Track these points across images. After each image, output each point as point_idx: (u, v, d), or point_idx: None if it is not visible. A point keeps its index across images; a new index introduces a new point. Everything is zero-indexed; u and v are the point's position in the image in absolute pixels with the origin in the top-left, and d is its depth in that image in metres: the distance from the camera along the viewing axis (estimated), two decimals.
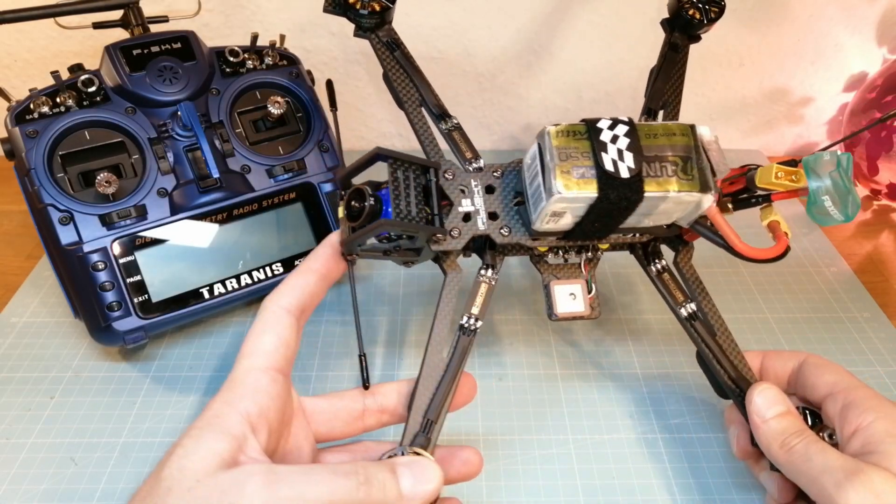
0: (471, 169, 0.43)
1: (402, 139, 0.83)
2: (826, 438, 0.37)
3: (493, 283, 0.42)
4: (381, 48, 0.48)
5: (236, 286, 0.52)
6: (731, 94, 0.80)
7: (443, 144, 0.46)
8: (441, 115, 0.47)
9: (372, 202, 0.38)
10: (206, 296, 0.51)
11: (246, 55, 0.56)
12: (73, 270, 0.49)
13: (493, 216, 0.41)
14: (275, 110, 0.55)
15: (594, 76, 0.78)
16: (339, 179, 0.40)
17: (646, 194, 0.36)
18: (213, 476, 0.28)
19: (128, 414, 0.49)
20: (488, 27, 0.75)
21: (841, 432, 0.36)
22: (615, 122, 0.37)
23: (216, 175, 0.52)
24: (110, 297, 0.49)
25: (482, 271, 0.42)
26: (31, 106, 0.50)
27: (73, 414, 0.49)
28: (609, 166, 0.35)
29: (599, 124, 0.36)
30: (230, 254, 0.52)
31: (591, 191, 0.35)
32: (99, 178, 0.48)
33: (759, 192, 0.40)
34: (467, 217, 0.41)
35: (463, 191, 0.42)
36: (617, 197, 0.36)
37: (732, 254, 0.38)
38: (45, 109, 0.50)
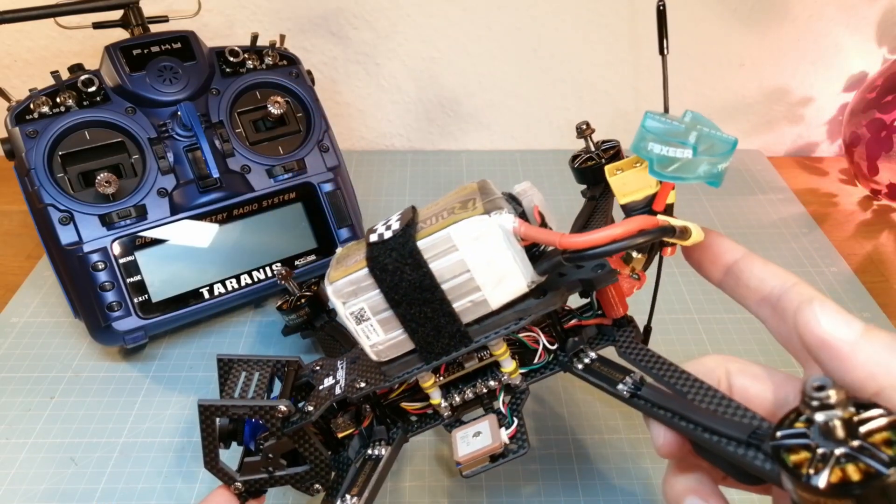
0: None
1: (402, 139, 0.83)
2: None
3: (380, 458, 0.36)
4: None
5: (236, 286, 0.52)
6: (731, 94, 0.80)
7: None
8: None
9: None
10: (206, 296, 0.51)
11: (246, 55, 0.56)
12: (73, 270, 0.49)
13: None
14: (275, 110, 0.55)
15: (594, 76, 0.78)
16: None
17: (421, 242, 0.30)
18: None
19: (128, 414, 0.49)
20: (488, 27, 0.75)
21: None
22: (390, 217, 0.33)
23: (216, 175, 0.52)
24: (110, 297, 0.49)
25: (369, 451, 0.37)
26: (31, 106, 0.50)
27: (73, 414, 0.49)
28: (373, 238, 0.31)
29: (375, 226, 0.33)
30: (230, 254, 0.52)
31: (360, 267, 0.31)
32: (99, 178, 0.48)
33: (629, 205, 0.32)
34: (330, 391, 0.36)
35: (329, 373, 0.38)
36: (390, 260, 0.30)
37: (573, 260, 0.28)
38: (45, 109, 0.50)
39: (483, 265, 0.30)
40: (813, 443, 0.21)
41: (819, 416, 0.20)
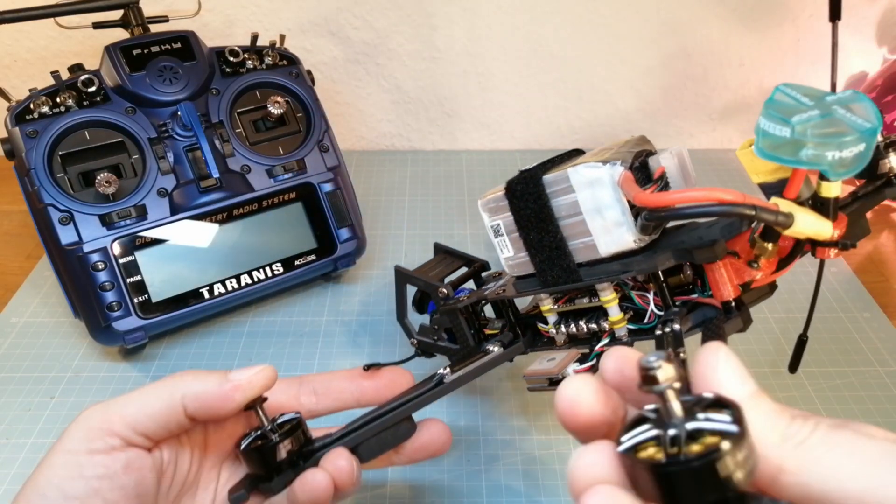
0: None
1: (402, 139, 0.83)
2: None
3: (489, 352, 0.39)
4: None
5: (236, 286, 0.52)
6: (731, 94, 0.80)
7: None
8: None
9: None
10: (206, 296, 0.51)
11: (246, 55, 0.56)
12: (73, 270, 0.49)
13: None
14: (275, 110, 0.55)
15: (594, 76, 0.78)
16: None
17: (545, 177, 0.33)
18: None
19: None
20: (488, 27, 0.75)
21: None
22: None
23: (216, 175, 0.52)
24: (110, 297, 0.49)
25: (488, 346, 0.40)
26: (31, 106, 0.50)
27: (73, 414, 0.49)
28: (524, 167, 0.36)
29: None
30: (230, 254, 0.52)
31: (502, 189, 0.36)
32: (99, 178, 0.48)
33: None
34: (484, 289, 0.43)
35: (493, 281, 0.44)
36: (521, 187, 0.34)
37: (650, 220, 0.29)
38: (45, 109, 0.50)
39: (594, 211, 0.32)
40: (658, 431, 0.20)
41: (658, 387, 0.20)
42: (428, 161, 0.80)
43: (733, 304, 0.31)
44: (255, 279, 0.53)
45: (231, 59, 0.56)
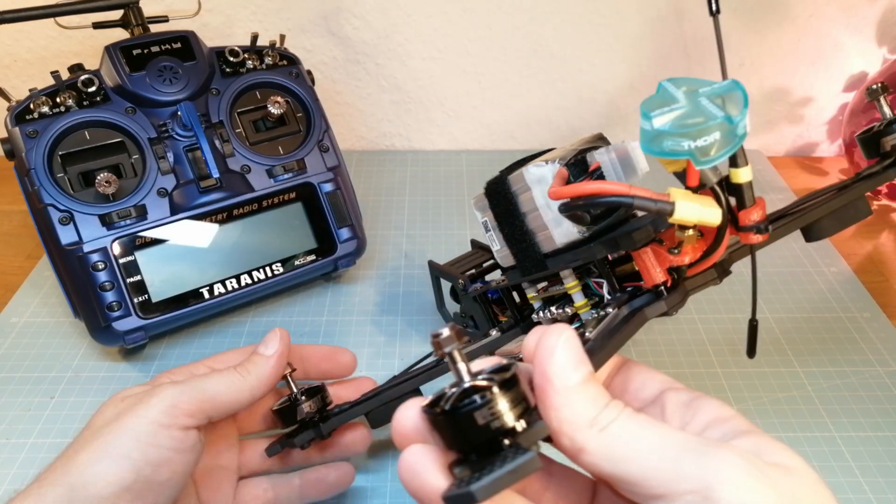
0: None
1: (402, 139, 0.83)
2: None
3: (489, 335, 0.45)
4: None
5: (236, 286, 0.52)
6: None
7: None
8: None
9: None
10: (206, 296, 0.51)
11: (246, 55, 0.56)
12: (73, 270, 0.49)
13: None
14: (275, 110, 0.55)
15: (594, 76, 0.78)
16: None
17: (509, 176, 0.37)
18: None
19: None
20: (488, 27, 0.75)
21: (686, 427, 0.27)
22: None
23: (216, 175, 0.52)
24: (110, 297, 0.49)
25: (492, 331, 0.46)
26: (31, 106, 0.50)
27: (73, 414, 0.49)
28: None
29: None
30: (230, 254, 0.52)
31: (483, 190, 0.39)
32: (99, 178, 0.48)
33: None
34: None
35: None
36: (494, 187, 0.39)
37: (563, 212, 0.31)
38: (45, 109, 0.50)
39: (545, 206, 0.35)
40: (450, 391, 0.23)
41: (447, 348, 0.23)
42: (428, 161, 0.80)
43: (662, 288, 0.32)
44: (255, 279, 0.53)
45: (231, 59, 0.56)
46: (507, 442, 0.22)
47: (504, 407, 0.22)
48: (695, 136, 0.26)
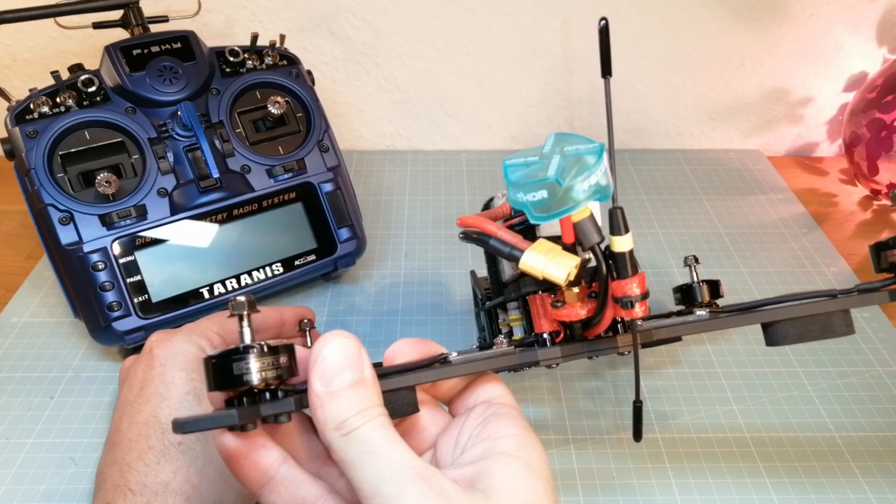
0: None
1: (402, 139, 0.83)
2: None
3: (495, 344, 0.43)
4: None
5: (236, 286, 0.52)
6: (731, 94, 0.80)
7: None
8: None
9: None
10: (206, 296, 0.51)
11: (246, 55, 0.56)
12: (73, 270, 0.49)
13: None
14: (275, 110, 0.55)
15: (594, 76, 0.78)
16: None
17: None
18: None
19: None
20: (488, 27, 0.75)
21: (459, 442, 0.30)
22: None
23: (216, 175, 0.52)
24: (110, 297, 0.49)
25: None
26: (31, 106, 0.50)
27: (73, 414, 0.49)
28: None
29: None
30: (230, 254, 0.52)
31: None
32: (99, 178, 0.48)
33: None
34: None
35: None
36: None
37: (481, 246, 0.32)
38: (45, 109, 0.50)
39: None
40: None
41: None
42: (428, 161, 0.80)
43: (545, 336, 0.33)
44: (255, 279, 0.53)
45: (231, 59, 0.56)
46: (245, 398, 0.26)
47: (254, 367, 0.26)
48: (527, 189, 0.27)
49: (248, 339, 0.27)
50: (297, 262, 0.54)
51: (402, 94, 0.79)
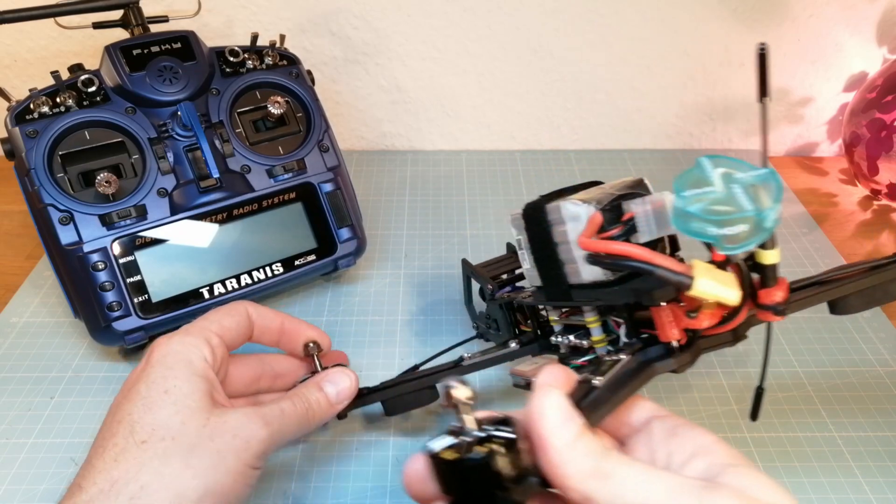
0: None
1: (402, 139, 0.83)
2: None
3: (508, 346, 0.46)
4: None
5: (236, 286, 0.52)
6: (731, 94, 0.80)
7: None
8: None
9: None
10: (206, 296, 0.51)
11: (246, 55, 0.56)
12: (73, 270, 0.49)
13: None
14: (275, 110, 0.55)
15: (594, 76, 0.78)
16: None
17: (548, 205, 0.37)
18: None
19: None
20: (488, 27, 0.75)
21: (671, 457, 0.29)
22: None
23: (216, 175, 0.52)
24: (110, 297, 0.49)
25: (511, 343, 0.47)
26: (31, 106, 0.50)
27: (73, 414, 0.49)
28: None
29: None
30: (230, 254, 0.52)
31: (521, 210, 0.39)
32: (99, 178, 0.48)
33: None
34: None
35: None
36: (531, 212, 0.38)
37: (588, 259, 0.32)
38: (45, 109, 0.50)
39: (576, 242, 0.35)
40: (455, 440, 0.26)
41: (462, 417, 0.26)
42: (428, 161, 0.80)
43: (675, 345, 0.33)
44: (255, 279, 0.53)
45: (231, 59, 0.56)
46: (499, 494, 0.25)
47: (502, 464, 0.25)
48: (722, 224, 0.26)
49: (473, 427, 0.26)
50: (297, 262, 0.54)
51: (402, 94, 0.79)
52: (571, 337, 0.42)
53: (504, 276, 0.51)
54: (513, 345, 0.46)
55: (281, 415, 0.37)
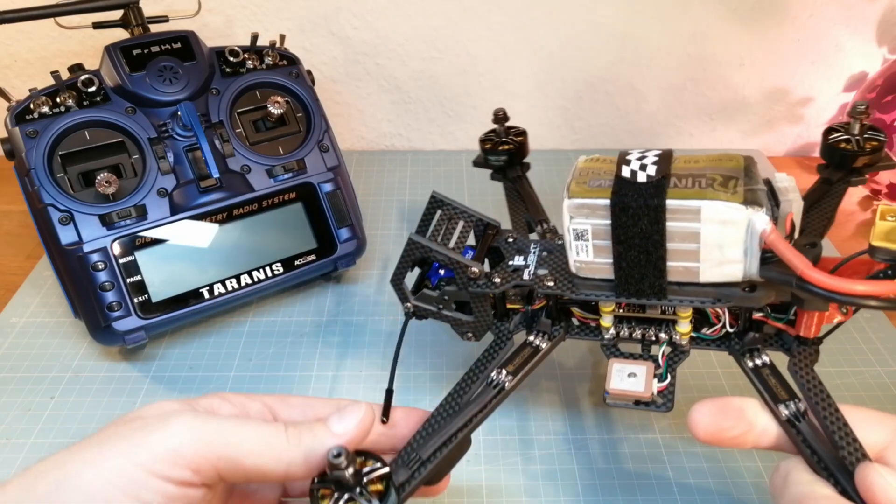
0: (536, 234, 0.44)
1: (402, 139, 0.83)
2: None
3: (540, 349, 0.39)
4: (508, 186, 0.54)
5: (236, 286, 0.52)
6: (731, 94, 0.80)
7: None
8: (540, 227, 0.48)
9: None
10: (206, 296, 0.51)
11: (246, 55, 0.56)
12: (73, 270, 0.49)
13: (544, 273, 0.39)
14: (275, 110, 0.55)
15: (594, 76, 0.78)
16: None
17: (669, 202, 0.31)
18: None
19: None
20: (488, 27, 0.75)
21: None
22: (648, 150, 0.34)
23: (216, 175, 0.52)
24: (110, 297, 0.49)
25: (531, 337, 0.40)
26: (31, 106, 0.50)
27: (73, 414, 0.49)
28: (626, 173, 0.32)
29: (629, 155, 0.34)
30: (230, 254, 0.52)
31: (603, 196, 0.32)
32: (99, 178, 0.48)
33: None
34: (516, 271, 0.40)
35: (520, 251, 0.42)
36: (634, 205, 0.32)
37: (804, 294, 0.29)
38: (45, 109, 0.50)
39: (714, 245, 0.31)
40: (333, 489, 0.29)
41: (334, 474, 0.28)
42: (428, 161, 0.80)
43: (813, 340, 0.34)
44: (255, 279, 0.53)
45: (231, 59, 0.56)
46: None
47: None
48: None
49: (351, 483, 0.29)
50: (297, 262, 0.54)
51: (402, 94, 0.79)
52: (641, 330, 0.38)
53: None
54: (537, 341, 0.40)
55: (233, 415, 0.31)
